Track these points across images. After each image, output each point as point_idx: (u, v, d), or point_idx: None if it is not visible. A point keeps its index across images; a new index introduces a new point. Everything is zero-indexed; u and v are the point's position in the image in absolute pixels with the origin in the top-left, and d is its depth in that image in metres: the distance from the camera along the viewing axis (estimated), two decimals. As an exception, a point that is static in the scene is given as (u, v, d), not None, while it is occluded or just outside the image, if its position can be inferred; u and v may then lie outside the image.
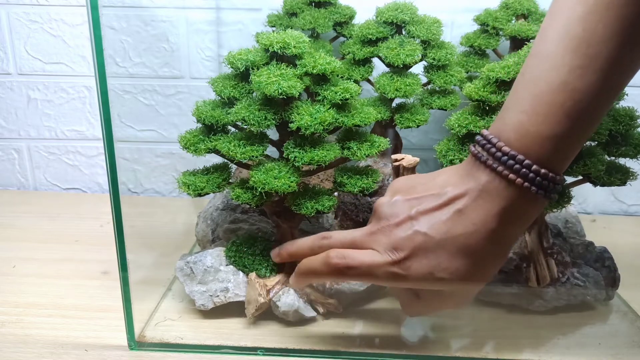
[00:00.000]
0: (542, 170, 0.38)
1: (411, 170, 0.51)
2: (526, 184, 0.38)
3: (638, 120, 0.50)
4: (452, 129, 0.49)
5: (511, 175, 0.38)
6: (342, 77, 0.50)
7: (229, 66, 0.49)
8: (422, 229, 0.40)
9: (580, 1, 0.36)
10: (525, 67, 0.39)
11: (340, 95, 0.47)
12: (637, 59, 0.37)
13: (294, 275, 0.47)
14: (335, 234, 0.45)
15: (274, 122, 0.46)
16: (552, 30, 0.38)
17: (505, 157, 0.38)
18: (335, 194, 0.51)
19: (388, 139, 0.51)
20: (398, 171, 0.51)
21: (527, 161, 0.38)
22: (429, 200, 0.41)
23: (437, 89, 0.64)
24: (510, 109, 0.40)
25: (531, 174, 0.38)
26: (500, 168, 0.39)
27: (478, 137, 0.41)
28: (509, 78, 0.47)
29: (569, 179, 0.51)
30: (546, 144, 0.38)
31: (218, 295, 0.51)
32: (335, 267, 0.42)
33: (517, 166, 0.38)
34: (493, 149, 0.39)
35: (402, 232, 0.41)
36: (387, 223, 0.42)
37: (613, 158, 0.50)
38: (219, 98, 0.51)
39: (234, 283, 0.51)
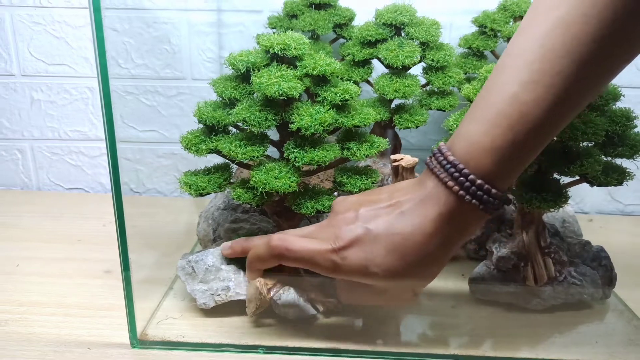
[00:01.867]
0: (478, 181, 0.39)
1: (410, 170, 0.51)
2: (461, 192, 0.39)
3: (634, 121, 0.50)
4: (451, 130, 0.50)
5: (449, 183, 0.39)
6: (341, 79, 0.50)
7: (230, 67, 0.49)
8: (364, 223, 0.42)
9: (545, 18, 0.37)
10: (488, 79, 0.40)
11: (340, 96, 0.47)
12: (593, 78, 0.37)
13: (246, 268, 0.49)
14: (291, 230, 0.47)
15: (274, 122, 0.46)
16: (515, 45, 0.39)
17: (449, 165, 0.39)
18: (335, 193, 0.51)
19: (387, 139, 0.52)
20: (397, 171, 0.51)
21: (465, 170, 0.39)
22: (377, 201, 0.43)
23: (436, 90, 0.64)
24: (465, 118, 0.41)
25: (467, 183, 0.39)
26: (442, 175, 0.40)
27: (434, 148, 0.42)
28: (506, 79, 0.47)
29: (567, 179, 0.51)
30: (486, 155, 0.38)
31: (219, 294, 0.51)
32: (275, 249, 0.44)
33: (456, 174, 0.39)
34: (441, 157, 0.40)
35: (345, 224, 0.43)
36: (335, 217, 0.44)
37: (610, 158, 0.51)
38: (220, 99, 0.51)
39: (235, 282, 0.51)
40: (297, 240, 0.44)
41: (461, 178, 0.39)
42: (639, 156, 0.50)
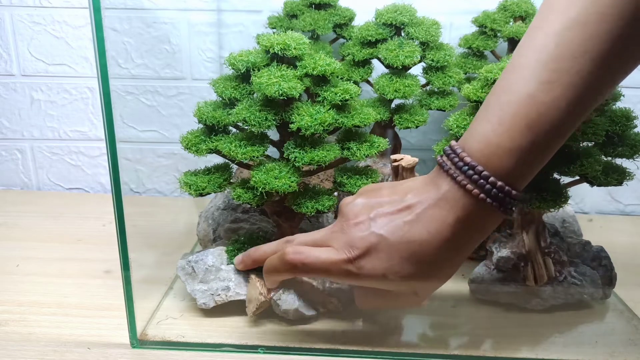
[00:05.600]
0: (499, 183, 0.38)
1: (410, 170, 0.51)
2: (482, 195, 0.38)
3: (634, 121, 0.51)
4: (451, 130, 0.50)
5: (468, 186, 0.38)
6: (341, 79, 0.50)
7: (230, 67, 0.49)
8: (378, 230, 0.41)
9: (558, 18, 0.37)
10: (499, 78, 0.40)
11: (340, 96, 0.47)
12: (609, 77, 0.37)
13: (264, 278, 0.48)
14: (298, 237, 0.46)
15: (274, 122, 0.47)
16: (528, 44, 0.38)
17: (466, 167, 0.39)
18: (335, 193, 0.51)
19: (387, 139, 0.52)
20: (397, 171, 0.51)
21: (485, 172, 0.38)
22: (389, 204, 0.42)
23: (436, 90, 0.64)
24: (478, 118, 0.40)
25: (487, 186, 0.38)
26: (459, 178, 0.39)
27: (445, 147, 0.41)
28: (506, 79, 0.47)
29: (567, 179, 0.51)
30: (506, 156, 0.38)
31: (219, 294, 0.51)
32: (291, 262, 0.43)
33: (475, 176, 0.38)
34: (456, 159, 0.39)
35: (359, 231, 0.42)
36: (347, 222, 0.43)
37: (610, 158, 0.51)
38: (220, 99, 0.51)
39: (235, 282, 0.51)
40: (311, 252, 0.43)
41: (481, 181, 0.38)
42: (639, 156, 0.50)
